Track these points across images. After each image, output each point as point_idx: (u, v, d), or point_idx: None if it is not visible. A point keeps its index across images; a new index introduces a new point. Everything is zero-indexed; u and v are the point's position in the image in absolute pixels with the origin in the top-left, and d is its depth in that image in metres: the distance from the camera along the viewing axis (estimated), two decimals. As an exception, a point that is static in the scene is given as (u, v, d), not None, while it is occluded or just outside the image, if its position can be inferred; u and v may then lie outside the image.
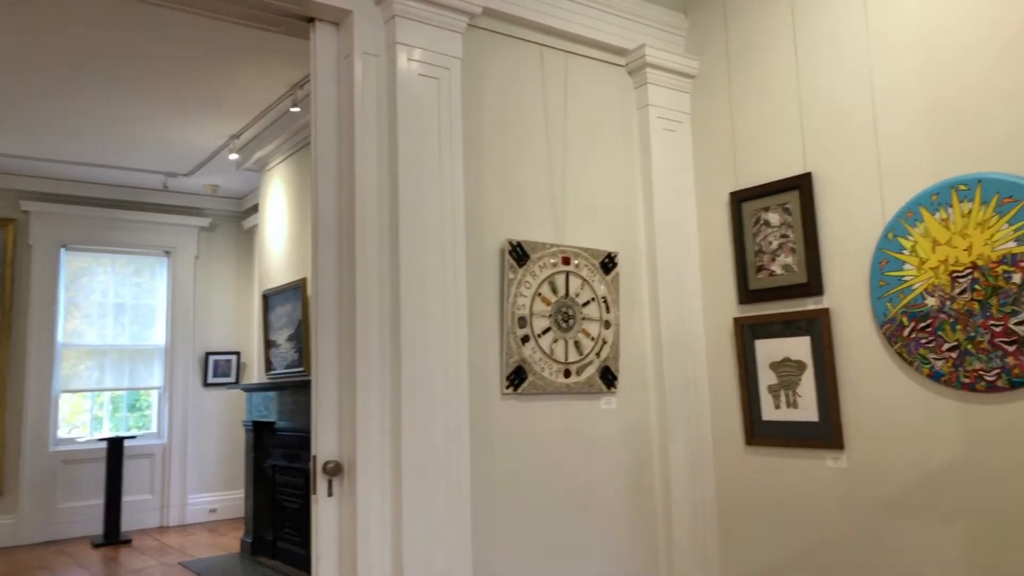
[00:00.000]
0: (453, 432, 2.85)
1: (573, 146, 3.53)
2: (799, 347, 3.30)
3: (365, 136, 2.88)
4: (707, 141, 3.77)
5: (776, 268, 3.41)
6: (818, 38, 3.33)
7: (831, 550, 3.15)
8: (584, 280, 3.40)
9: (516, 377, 3.15)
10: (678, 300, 3.64)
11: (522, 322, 3.19)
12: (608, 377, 3.42)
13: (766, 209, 3.45)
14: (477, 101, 3.26)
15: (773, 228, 3.42)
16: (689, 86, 3.85)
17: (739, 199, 3.56)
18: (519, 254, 3.21)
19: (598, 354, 3.40)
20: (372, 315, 2.79)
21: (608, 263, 3.48)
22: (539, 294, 3.27)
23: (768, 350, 3.41)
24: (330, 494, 2.74)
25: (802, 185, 3.31)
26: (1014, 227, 2.68)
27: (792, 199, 3.36)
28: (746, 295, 3.51)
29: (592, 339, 3.39)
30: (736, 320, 3.54)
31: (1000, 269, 2.71)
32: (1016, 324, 2.66)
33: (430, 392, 2.82)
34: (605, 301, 3.45)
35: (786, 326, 3.34)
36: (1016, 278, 2.67)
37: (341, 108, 2.95)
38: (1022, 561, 2.63)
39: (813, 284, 3.25)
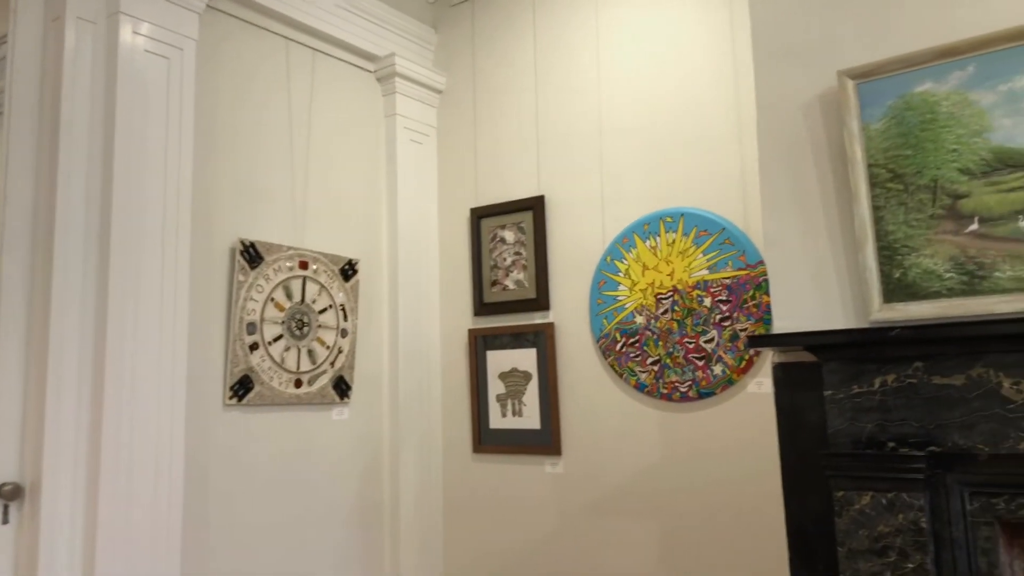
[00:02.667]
0: (165, 447, 2.60)
1: (318, 147, 3.42)
2: (526, 358, 3.48)
3: (74, 115, 2.54)
4: (451, 156, 3.86)
5: (509, 283, 3.57)
6: (556, 73, 3.56)
7: (548, 548, 3.36)
8: (322, 286, 3.30)
9: (241, 387, 2.97)
10: (417, 310, 3.67)
11: (251, 328, 3.02)
12: (342, 387, 3.35)
13: (503, 227, 3.61)
14: (213, 89, 3.04)
15: (508, 245, 3.59)
16: (437, 100, 3.92)
17: (479, 215, 3.68)
18: (252, 255, 3.04)
19: (332, 363, 3.31)
20: (71, 319, 2.45)
21: (348, 270, 3.42)
22: (272, 299, 3.11)
23: (498, 361, 3.56)
24: (5, 521, 2.36)
25: (535, 206, 3.51)
26: (707, 256, 3.06)
27: (526, 219, 3.55)
28: (481, 308, 3.63)
29: (327, 348, 3.30)
30: (471, 331, 3.65)
31: (695, 293, 3.08)
32: (705, 342, 3.04)
33: (139, 402, 2.54)
34: (343, 309, 3.38)
35: (515, 338, 3.52)
36: (707, 301, 3.05)
37: (45, 80, 2.57)
38: (705, 555, 2.99)
39: (541, 299, 3.46)
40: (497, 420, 3.54)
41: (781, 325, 2.27)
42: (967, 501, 1.98)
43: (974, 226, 1.96)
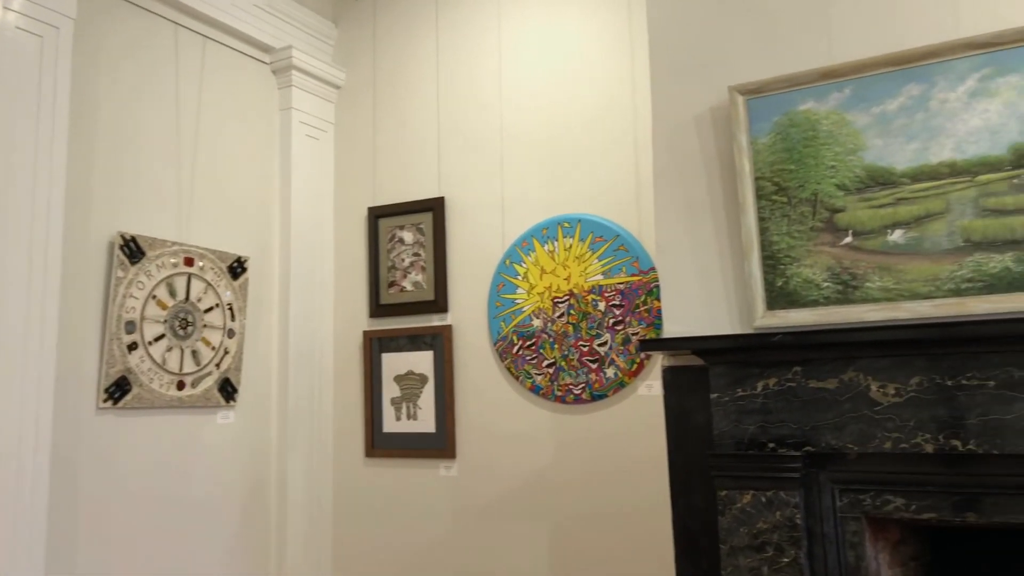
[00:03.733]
0: (28, 452, 2.41)
1: (207, 138, 3.27)
2: (423, 361, 3.45)
3: (-71, 89, 2.33)
4: (349, 154, 3.78)
5: (407, 285, 3.53)
6: (458, 74, 3.55)
7: (441, 551, 3.33)
8: (209, 284, 3.16)
9: (117, 389, 2.79)
10: (309, 311, 3.57)
11: (130, 327, 2.85)
12: (228, 390, 3.21)
13: (401, 227, 3.57)
14: (92, 72, 2.85)
15: (407, 246, 3.55)
16: (335, 96, 3.83)
17: (376, 215, 3.62)
18: (133, 250, 2.87)
19: (218, 365, 3.17)
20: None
21: (237, 268, 3.28)
22: (154, 296, 2.94)
23: (394, 364, 3.51)
24: None
25: (436, 208, 3.49)
26: (602, 262, 3.13)
27: (426, 220, 3.51)
28: (377, 309, 3.57)
29: (213, 349, 3.15)
30: (366, 333, 3.58)
31: (590, 297, 3.14)
32: (599, 345, 3.10)
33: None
34: (231, 308, 3.24)
35: (412, 341, 3.48)
36: (601, 306, 3.11)
37: None
38: (595, 554, 3.04)
39: (439, 302, 3.43)
40: (391, 423, 3.49)
41: (671, 330, 2.34)
42: (837, 498, 2.10)
43: (848, 239, 2.09)
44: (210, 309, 3.16)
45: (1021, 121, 1.91)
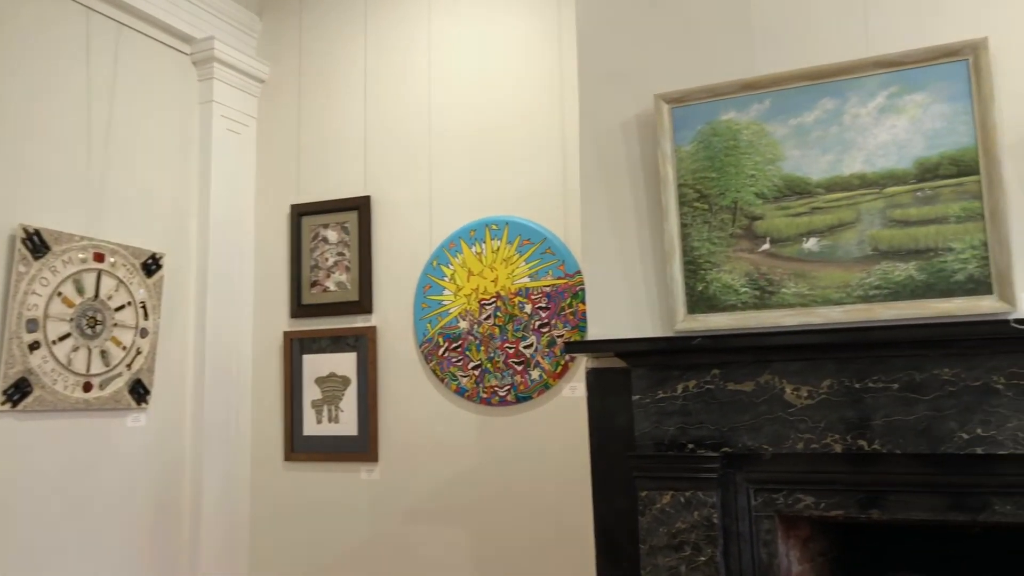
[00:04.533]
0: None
1: (120, 129, 3.13)
2: (345, 363, 3.39)
3: None
4: (273, 150, 3.68)
5: (330, 284, 3.46)
6: (386, 73, 3.51)
7: (362, 555, 3.27)
8: (120, 281, 3.02)
9: (16, 391, 2.64)
10: (228, 310, 3.46)
11: (32, 326, 2.69)
12: (139, 391, 3.08)
13: (325, 226, 3.50)
14: (-7, 54, 2.69)
15: (331, 245, 3.48)
16: (259, 90, 3.73)
17: (300, 212, 3.54)
18: (36, 244, 2.71)
19: (129, 366, 3.04)
20: None
21: (151, 265, 3.15)
22: (60, 293, 2.80)
23: (315, 365, 3.43)
24: None
25: (361, 207, 3.43)
26: (529, 265, 3.14)
27: (351, 219, 3.45)
28: (299, 309, 3.49)
29: (124, 349, 3.02)
30: (286, 334, 3.50)
31: (516, 300, 3.14)
32: (525, 347, 3.11)
33: None
34: (144, 307, 3.11)
35: (335, 342, 3.41)
36: (527, 308, 3.12)
37: None
38: (518, 555, 3.05)
39: (364, 302, 3.38)
40: (312, 426, 3.41)
41: (595, 332, 2.37)
42: (752, 497, 2.16)
43: (766, 246, 2.15)
44: (121, 307, 3.02)
45: (925, 137, 2.01)
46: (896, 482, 2.03)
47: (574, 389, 3.02)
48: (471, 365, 3.18)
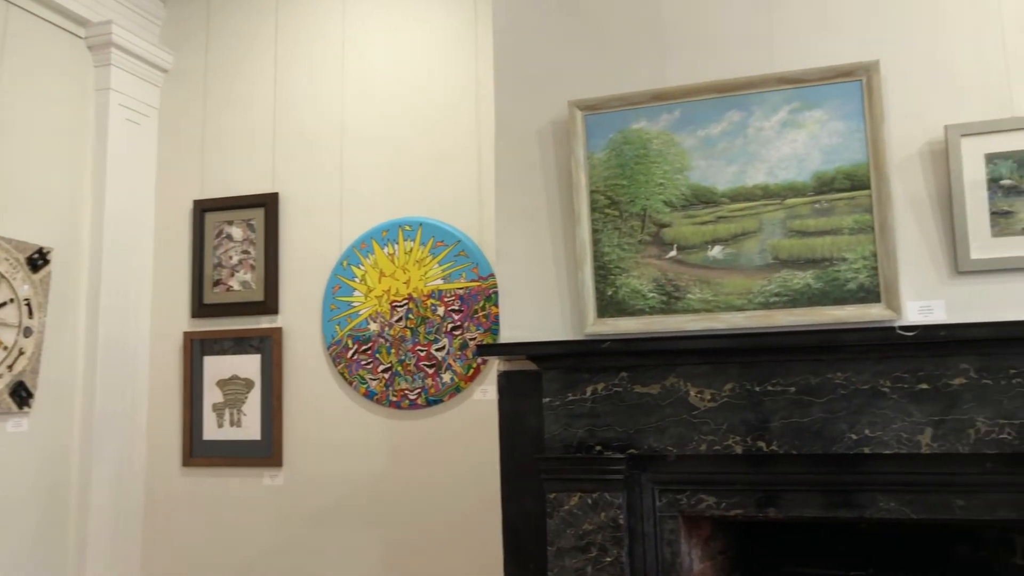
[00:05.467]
0: None
1: (6, 115, 2.93)
2: (249, 365, 3.27)
3: None
4: (175, 142, 3.53)
5: (235, 284, 3.34)
6: (298, 67, 3.42)
7: (265, 564, 3.17)
8: (2, 276, 2.82)
9: None
10: (123, 309, 3.28)
11: (-100, 321, 2.49)
12: (22, 394, 2.88)
13: (230, 223, 3.38)
14: None
15: (236, 243, 3.36)
16: (161, 80, 3.56)
17: (203, 208, 3.40)
18: (-94, 234, 2.51)
19: (11, 367, 2.84)
20: None
21: (38, 259, 2.96)
22: (-68, 288, 2.59)
23: (217, 367, 3.31)
24: None
25: (268, 204, 3.33)
26: (443, 267, 3.12)
27: (258, 216, 3.35)
28: (200, 309, 3.35)
29: (5, 349, 2.82)
30: (187, 335, 3.35)
31: (429, 302, 3.12)
32: (436, 350, 3.09)
33: None
34: (28, 304, 2.92)
35: (238, 343, 3.29)
36: (440, 311, 3.10)
37: None
38: (428, 559, 3.02)
39: (270, 303, 3.28)
40: (212, 430, 3.28)
41: (508, 335, 2.37)
42: (657, 498, 2.21)
43: (673, 252, 2.21)
44: (3, 304, 2.82)
45: (823, 151, 2.11)
46: (791, 482, 2.12)
47: (485, 392, 3.02)
48: (381, 368, 3.13)
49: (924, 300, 2.04)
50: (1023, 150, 1.99)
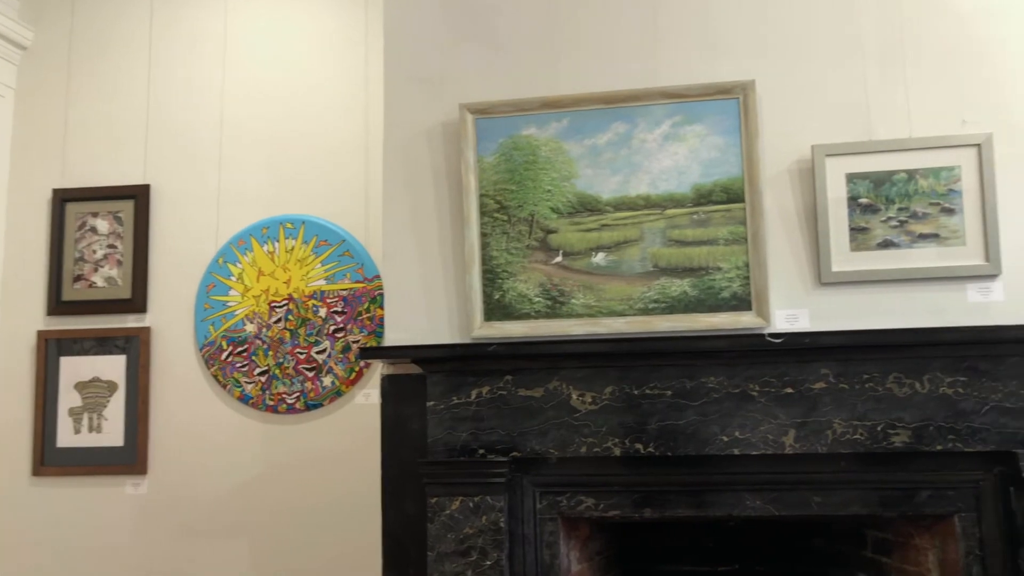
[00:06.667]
0: None
1: None
2: (113, 366, 3.06)
3: None
4: (33, 125, 3.26)
5: (98, 280, 3.12)
6: (174, 52, 3.24)
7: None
8: None
9: None
10: (-33, 304, 3.01)
11: None
12: None
13: (95, 215, 3.16)
14: None
15: (101, 236, 3.14)
16: (19, 57, 3.29)
17: (64, 198, 3.17)
18: None
19: None
20: None
21: None
22: None
23: (76, 369, 3.08)
24: None
25: (139, 196, 3.14)
26: (326, 267, 3.04)
27: (126, 209, 3.15)
28: (57, 306, 3.11)
29: None
30: (41, 333, 3.10)
31: (311, 303, 3.03)
32: (317, 352, 3.00)
33: None
34: None
35: (101, 343, 3.08)
36: (322, 312, 3.01)
37: None
38: (303, 568, 2.91)
39: (137, 300, 3.09)
40: (68, 437, 3.05)
41: (393, 338, 2.34)
42: (537, 500, 2.23)
43: (559, 258, 2.25)
44: None
45: (702, 165, 2.20)
46: (666, 482, 2.19)
47: (368, 396, 2.95)
48: (257, 371, 3.01)
49: (791, 309, 2.16)
50: (879, 171, 2.15)
